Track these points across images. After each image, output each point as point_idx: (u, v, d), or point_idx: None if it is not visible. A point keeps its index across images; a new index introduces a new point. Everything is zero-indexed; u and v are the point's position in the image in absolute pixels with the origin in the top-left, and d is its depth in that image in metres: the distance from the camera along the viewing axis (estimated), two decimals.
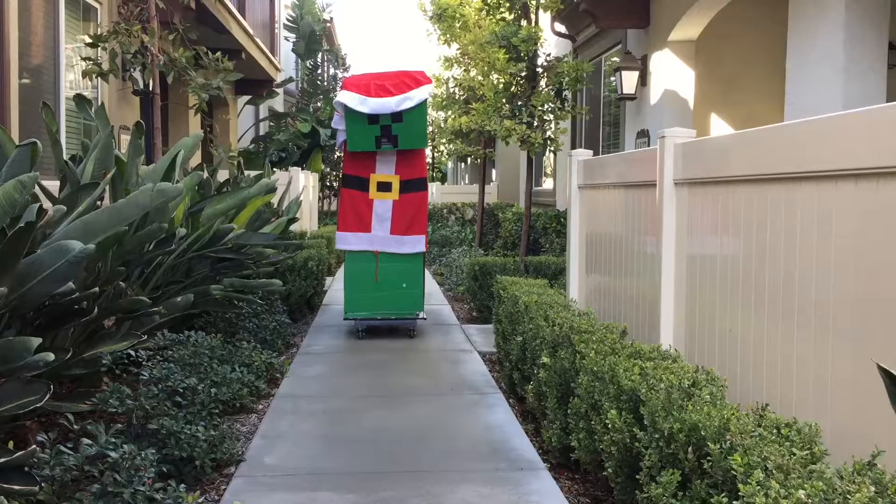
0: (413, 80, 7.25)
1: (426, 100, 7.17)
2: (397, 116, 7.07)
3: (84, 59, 7.30)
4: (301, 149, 18.02)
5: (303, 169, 15.04)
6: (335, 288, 10.77)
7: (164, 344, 4.87)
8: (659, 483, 2.52)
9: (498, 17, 9.29)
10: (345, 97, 7.14)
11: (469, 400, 5.28)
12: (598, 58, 11.25)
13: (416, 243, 7.47)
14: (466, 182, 29.20)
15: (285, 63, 19.83)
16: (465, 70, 11.62)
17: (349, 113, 7.10)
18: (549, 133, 9.09)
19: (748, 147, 3.47)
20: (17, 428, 3.92)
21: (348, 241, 7.46)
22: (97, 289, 4.13)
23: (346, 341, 7.32)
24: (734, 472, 2.15)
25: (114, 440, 3.28)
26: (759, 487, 1.98)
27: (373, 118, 7.08)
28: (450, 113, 12.44)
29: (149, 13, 7.55)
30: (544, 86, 9.03)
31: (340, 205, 7.54)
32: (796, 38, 6.29)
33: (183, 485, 3.25)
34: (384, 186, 7.43)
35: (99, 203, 4.54)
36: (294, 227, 10.29)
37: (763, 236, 3.30)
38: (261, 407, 5.10)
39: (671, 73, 8.91)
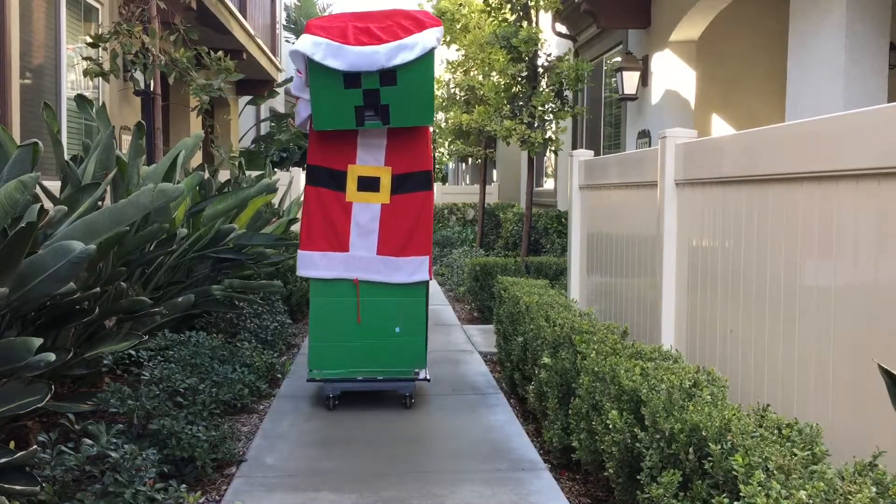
0: (413, 20, 4.81)
1: (433, 50, 4.67)
2: (389, 76, 4.62)
3: (85, 59, 7.31)
4: (302, 149, 17.99)
5: (304, 169, 15.02)
6: None
7: (165, 344, 4.87)
8: (660, 483, 2.52)
9: (499, 17, 9.29)
10: (306, 45, 4.62)
11: (470, 400, 5.28)
12: (598, 58, 11.25)
13: (415, 268, 5.03)
14: (467, 182, 29.19)
15: (286, 63, 19.84)
16: (465, 71, 11.62)
17: (314, 71, 4.61)
18: (549, 133, 9.09)
19: (749, 147, 3.47)
20: (18, 428, 3.92)
21: (314, 264, 5.01)
22: (98, 289, 4.13)
23: None
24: (735, 473, 2.15)
25: (115, 440, 3.28)
26: (760, 488, 1.98)
27: (351, 78, 4.62)
28: (451, 113, 12.44)
29: (150, 13, 7.55)
30: (545, 86, 9.03)
31: (304, 211, 5.04)
32: (797, 38, 6.29)
33: (184, 485, 3.25)
34: (369, 184, 5.01)
35: (100, 203, 4.55)
36: (295, 228, 10.30)
37: (764, 237, 3.30)
38: (262, 407, 5.10)
39: (672, 74, 8.91)
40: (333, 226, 5.02)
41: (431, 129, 6.36)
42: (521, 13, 9.16)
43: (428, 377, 5.17)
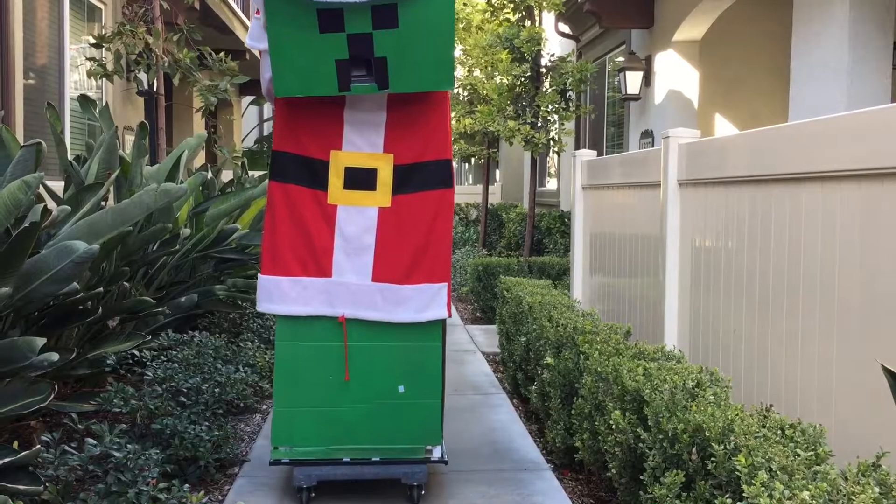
0: None
1: None
2: (386, 14, 3.18)
3: (88, 59, 7.32)
4: None
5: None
6: None
7: (168, 344, 4.87)
8: (663, 484, 2.52)
9: (502, 17, 9.29)
10: None
11: (473, 400, 5.28)
12: (602, 58, 11.24)
13: (428, 300, 3.57)
14: (470, 182, 29.20)
15: None
16: (468, 71, 11.62)
17: (272, 4, 3.19)
18: (552, 133, 9.08)
19: (752, 147, 3.47)
20: (21, 428, 3.93)
21: (281, 294, 3.57)
22: (101, 289, 4.14)
23: None
24: (738, 473, 2.15)
25: (118, 440, 3.28)
26: (763, 488, 1.98)
27: (329, 18, 3.19)
28: (453, 114, 12.45)
29: (153, 14, 7.55)
30: (548, 86, 9.03)
31: (267, 218, 3.62)
32: (800, 38, 6.28)
33: (187, 485, 3.26)
34: (360, 179, 3.58)
35: (103, 203, 4.55)
36: None
37: (767, 237, 3.29)
38: (265, 407, 5.10)
39: (675, 74, 8.90)
40: (309, 239, 3.53)
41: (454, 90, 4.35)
42: (524, 13, 9.16)
43: (445, 457, 3.65)
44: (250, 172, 8.40)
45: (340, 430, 3.58)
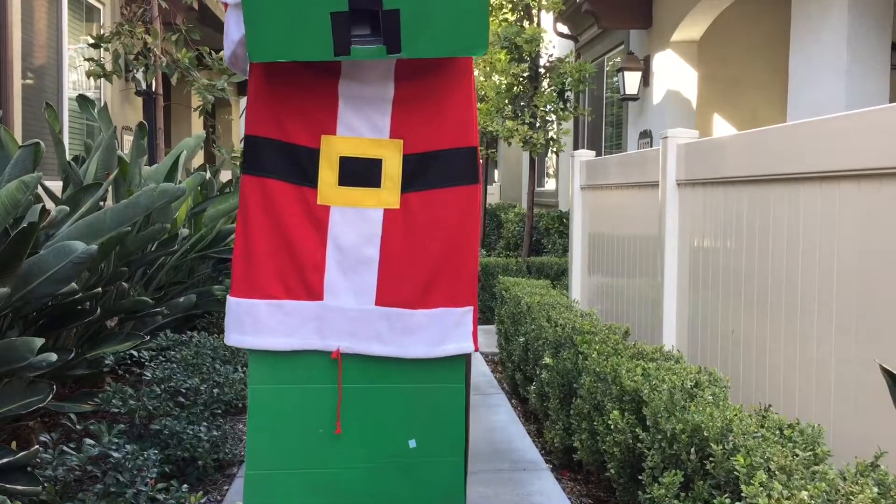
0: None
1: None
2: None
3: (87, 59, 7.31)
4: None
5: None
6: None
7: (166, 344, 4.87)
8: (661, 484, 2.52)
9: (500, 17, 9.29)
10: None
11: (471, 401, 5.28)
12: (600, 58, 11.25)
13: (448, 329, 2.82)
14: None
15: None
16: None
17: None
18: (551, 134, 9.09)
19: (751, 147, 3.47)
20: (20, 428, 3.93)
21: (256, 322, 2.79)
22: (100, 289, 4.14)
23: None
24: (737, 473, 2.15)
25: (116, 440, 3.28)
26: (761, 488, 1.98)
27: None
28: None
29: (151, 14, 7.55)
30: (547, 86, 9.03)
31: (238, 223, 2.84)
32: (799, 38, 6.29)
33: (185, 485, 3.26)
34: (360, 172, 2.80)
35: (102, 203, 4.55)
36: None
37: (766, 237, 3.29)
38: None
39: (674, 74, 8.91)
40: (293, 251, 2.76)
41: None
42: (523, 13, 9.16)
43: None
44: None
45: (333, 498, 2.79)
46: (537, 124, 8.85)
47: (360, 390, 2.82)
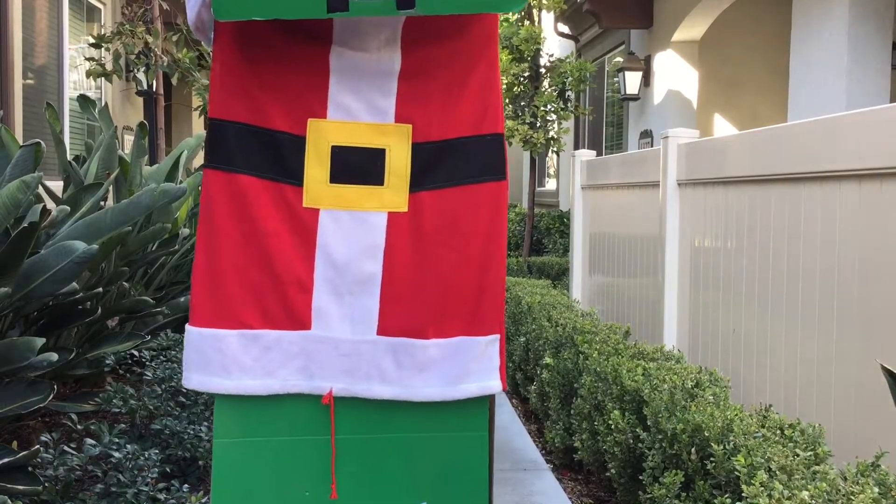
0: None
1: None
2: None
3: (88, 59, 7.32)
4: None
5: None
6: None
7: (167, 344, 4.87)
8: (662, 484, 2.52)
9: (501, 17, 9.30)
10: None
11: None
12: (601, 58, 11.25)
13: (469, 364, 2.22)
14: None
15: None
16: None
17: None
18: (551, 133, 9.09)
19: (751, 147, 3.47)
20: (20, 428, 3.93)
21: (225, 356, 2.17)
22: (101, 289, 4.14)
23: None
24: (737, 473, 2.15)
25: (117, 440, 3.28)
26: (762, 488, 1.98)
27: None
28: None
29: (152, 14, 7.56)
30: (547, 86, 9.03)
31: (200, 230, 2.20)
32: (799, 38, 6.29)
33: (186, 485, 3.25)
34: (356, 165, 2.21)
35: (102, 203, 4.55)
36: None
37: (766, 237, 3.29)
38: None
39: (674, 74, 8.91)
40: (271, 266, 2.20)
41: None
42: (523, 13, 9.16)
43: None
44: None
45: None
46: (538, 124, 8.85)
47: (359, 443, 2.26)
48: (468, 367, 2.22)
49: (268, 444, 2.23)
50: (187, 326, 2.20)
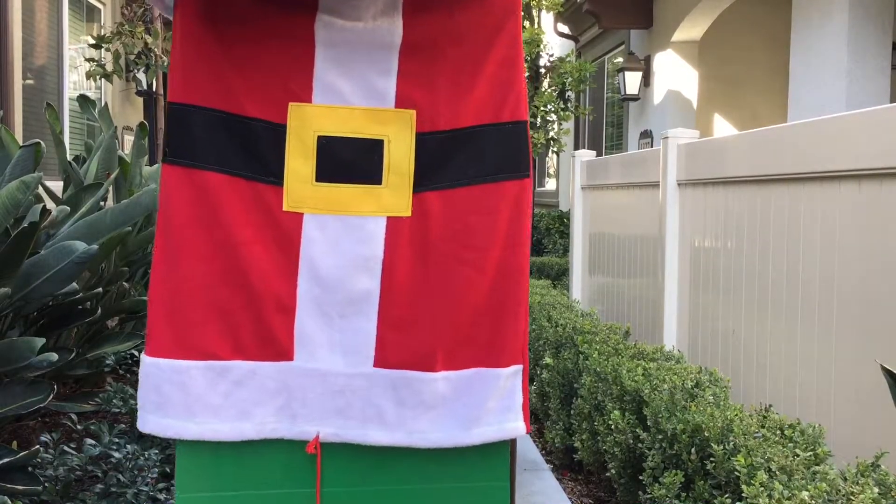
0: None
1: None
2: None
3: (88, 59, 7.32)
4: None
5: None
6: None
7: None
8: (662, 484, 2.52)
9: None
10: None
11: None
12: (601, 58, 11.25)
13: (487, 401, 1.86)
14: None
15: None
16: None
17: None
18: (551, 134, 9.09)
19: (751, 148, 3.47)
20: (20, 428, 3.93)
21: (189, 394, 1.80)
22: (101, 289, 4.14)
23: None
24: (737, 473, 2.15)
25: (117, 440, 3.28)
26: (762, 488, 1.98)
27: None
28: None
29: (152, 14, 7.56)
30: (547, 86, 9.03)
31: (157, 239, 1.84)
32: (800, 38, 6.28)
33: None
34: (348, 158, 1.84)
35: (102, 204, 4.55)
36: None
37: (766, 237, 3.29)
38: None
39: (674, 74, 8.91)
40: (245, 284, 1.85)
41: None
42: (523, 14, 9.16)
43: None
44: None
45: None
46: (538, 124, 8.85)
47: (351, 496, 1.87)
48: (485, 405, 1.84)
49: (240, 500, 1.85)
50: (142, 357, 1.80)
